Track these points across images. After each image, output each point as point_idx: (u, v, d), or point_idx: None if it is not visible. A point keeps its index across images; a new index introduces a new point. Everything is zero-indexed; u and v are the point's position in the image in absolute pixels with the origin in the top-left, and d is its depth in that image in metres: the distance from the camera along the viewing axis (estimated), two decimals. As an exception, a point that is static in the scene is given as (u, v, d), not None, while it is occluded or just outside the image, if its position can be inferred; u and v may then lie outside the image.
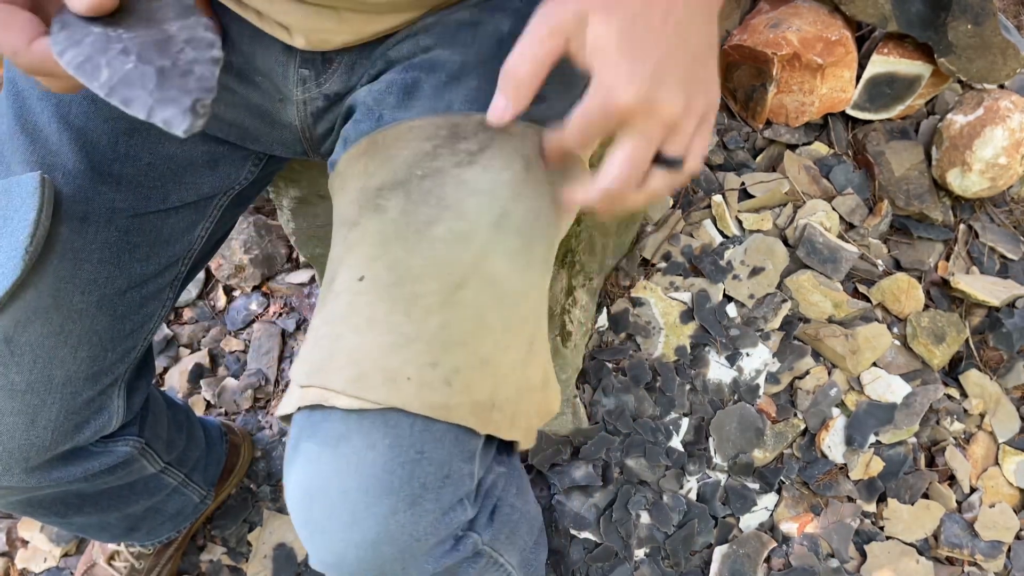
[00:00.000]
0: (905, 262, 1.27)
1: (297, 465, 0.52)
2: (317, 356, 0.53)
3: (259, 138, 0.67)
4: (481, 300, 0.53)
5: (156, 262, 0.66)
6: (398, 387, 0.50)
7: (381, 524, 0.50)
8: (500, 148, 0.55)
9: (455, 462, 0.53)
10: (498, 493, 0.61)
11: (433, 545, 0.53)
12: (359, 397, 0.50)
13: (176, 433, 0.90)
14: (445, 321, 0.51)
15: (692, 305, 1.22)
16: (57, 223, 0.58)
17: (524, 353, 0.56)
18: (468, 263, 0.52)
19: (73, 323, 0.61)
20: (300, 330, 1.30)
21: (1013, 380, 1.22)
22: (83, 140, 0.59)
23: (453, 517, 0.54)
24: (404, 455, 0.50)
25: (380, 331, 0.51)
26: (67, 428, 0.66)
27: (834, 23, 1.25)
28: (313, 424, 0.52)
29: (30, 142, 0.58)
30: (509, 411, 0.56)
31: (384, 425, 0.50)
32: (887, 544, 1.12)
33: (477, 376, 0.53)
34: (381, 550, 0.51)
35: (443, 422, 0.52)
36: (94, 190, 0.60)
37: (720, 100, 1.37)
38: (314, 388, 0.52)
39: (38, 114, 0.59)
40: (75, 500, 0.80)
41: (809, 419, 1.18)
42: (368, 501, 0.50)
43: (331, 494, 0.50)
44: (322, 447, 0.51)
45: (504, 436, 0.56)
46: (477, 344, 0.52)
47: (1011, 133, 1.21)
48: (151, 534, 0.98)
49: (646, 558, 1.12)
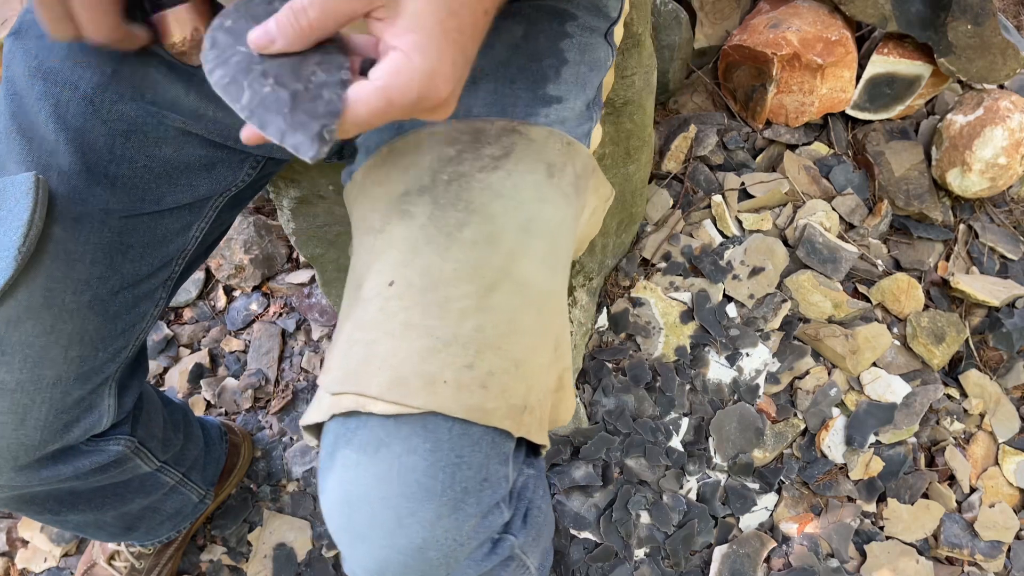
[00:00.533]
0: (905, 262, 1.27)
1: (335, 473, 0.52)
2: (350, 362, 0.52)
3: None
4: (513, 303, 0.53)
5: (149, 262, 0.66)
6: (436, 391, 0.50)
7: (426, 529, 0.50)
8: (523, 153, 0.55)
9: (492, 465, 0.53)
10: (529, 495, 0.61)
11: (474, 548, 0.53)
12: (398, 402, 0.50)
13: (172, 432, 0.90)
14: (479, 324, 0.52)
15: (692, 305, 1.22)
16: (51, 223, 0.57)
17: (550, 355, 0.57)
18: (498, 266, 0.53)
19: (64, 323, 0.61)
20: (300, 330, 1.31)
21: (1013, 380, 1.22)
22: (79, 141, 0.59)
23: (492, 520, 0.54)
24: (445, 459, 0.50)
25: (415, 335, 0.51)
26: (56, 427, 0.66)
27: (834, 23, 1.25)
28: (350, 431, 0.52)
29: (26, 142, 0.58)
30: (539, 413, 0.56)
31: (424, 430, 0.50)
32: (887, 544, 1.12)
33: (511, 379, 0.53)
34: (427, 555, 0.51)
35: (480, 425, 0.52)
36: (89, 191, 0.60)
37: (721, 100, 1.38)
38: (349, 395, 0.51)
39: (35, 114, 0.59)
40: (69, 498, 0.80)
41: (809, 419, 1.18)
42: (412, 507, 0.50)
43: (372, 501, 0.50)
44: (360, 454, 0.51)
45: (535, 439, 0.57)
46: (510, 347, 0.53)
47: (1011, 133, 1.21)
48: (150, 533, 0.98)
49: (646, 558, 1.12)
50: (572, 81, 0.60)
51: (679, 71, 1.34)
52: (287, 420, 1.24)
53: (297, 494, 1.19)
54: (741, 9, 1.39)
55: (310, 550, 1.15)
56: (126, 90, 0.59)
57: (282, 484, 1.20)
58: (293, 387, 1.26)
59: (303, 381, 1.27)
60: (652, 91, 1.03)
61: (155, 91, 0.59)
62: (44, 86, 0.58)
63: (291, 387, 1.26)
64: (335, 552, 1.15)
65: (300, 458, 1.21)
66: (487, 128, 0.55)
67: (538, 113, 0.57)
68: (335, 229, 1.03)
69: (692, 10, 1.36)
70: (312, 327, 1.30)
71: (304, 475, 1.20)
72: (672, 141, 1.30)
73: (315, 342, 1.30)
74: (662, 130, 1.33)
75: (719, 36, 1.37)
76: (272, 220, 1.36)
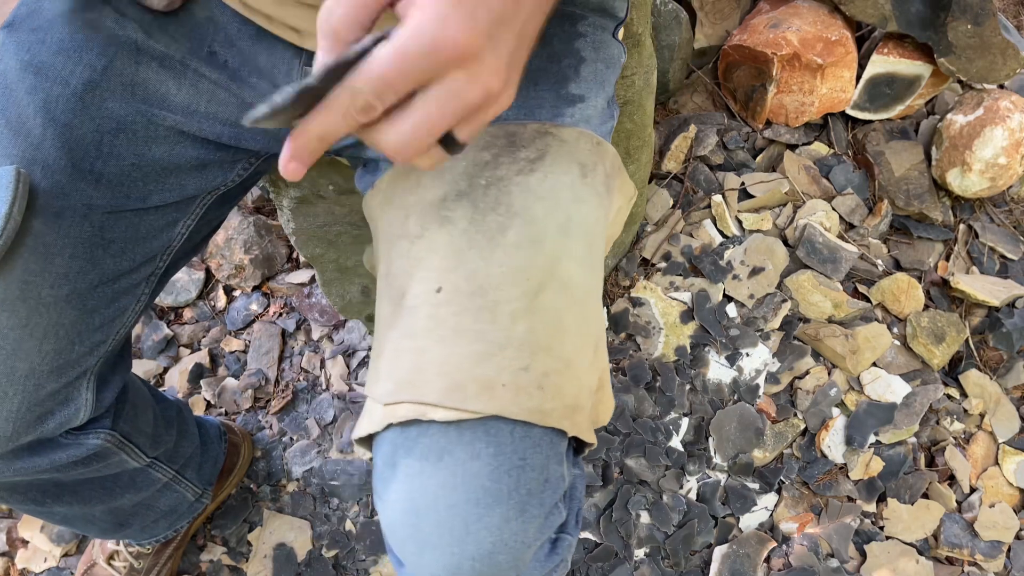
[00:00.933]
0: (905, 262, 1.27)
1: (397, 483, 0.52)
2: (401, 371, 0.52)
3: (256, 136, 0.67)
4: (559, 304, 0.53)
5: (131, 258, 0.65)
6: (495, 395, 0.50)
7: (495, 534, 0.50)
8: (557, 155, 0.56)
9: (551, 465, 0.53)
10: (578, 495, 0.62)
11: (537, 549, 0.54)
12: (458, 408, 0.50)
13: (164, 428, 0.89)
14: (531, 326, 0.52)
15: (692, 305, 1.22)
16: (30, 216, 0.57)
17: (592, 354, 0.57)
18: (543, 267, 0.53)
19: (40, 316, 0.61)
20: (300, 330, 1.31)
21: (1013, 380, 1.22)
22: (67, 135, 0.58)
23: (553, 520, 0.54)
24: (508, 462, 0.51)
25: (468, 340, 0.51)
26: (29, 420, 0.65)
27: (834, 23, 1.25)
28: (410, 440, 0.52)
29: (12, 135, 0.58)
30: (587, 412, 0.57)
31: (485, 434, 0.51)
32: (887, 544, 1.12)
33: (564, 379, 0.53)
34: (497, 559, 0.51)
35: (539, 426, 0.52)
36: (72, 186, 0.59)
37: (721, 100, 1.38)
38: (405, 404, 0.51)
39: (24, 107, 0.58)
40: (53, 489, 0.79)
41: (809, 419, 1.18)
42: (479, 512, 0.50)
43: (439, 509, 0.50)
44: (423, 462, 0.51)
45: (586, 437, 0.57)
46: (560, 347, 0.53)
47: (1011, 133, 1.21)
48: (145, 531, 0.98)
49: (646, 558, 1.12)
50: (591, 79, 0.60)
51: (679, 71, 1.34)
52: (287, 420, 1.24)
53: (297, 494, 1.19)
54: (741, 9, 1.38)
55: (310, 550, 1.15)
56: (117, 88, 0.58)
57: (282, 484, 1.20)
58: (293, 387, 1.26)
59: (303, 381, 1.27)
60: (652, 91, 1.03)
61: (146, 88, 0.59)
62: (35, 80, 0.58)
63: (291, 387, 1.26)
64: (335, 552, 1.15)
65: (300, 458, 1.21)
66: (520, 131, 0.56)
67: (564, 113, 0.58)
68: (335, 229, 1.03)
69: (692, 10, 1.36)
70: (312, 327, 1.30)
71: (304, 475, 1.20)
72: (672, 141, 1.30)
73: (315, 342, 1.30)
74: (662, 130, 1.33)
75: (719, 36, 1.37)
76: (272, 220, 1.36)
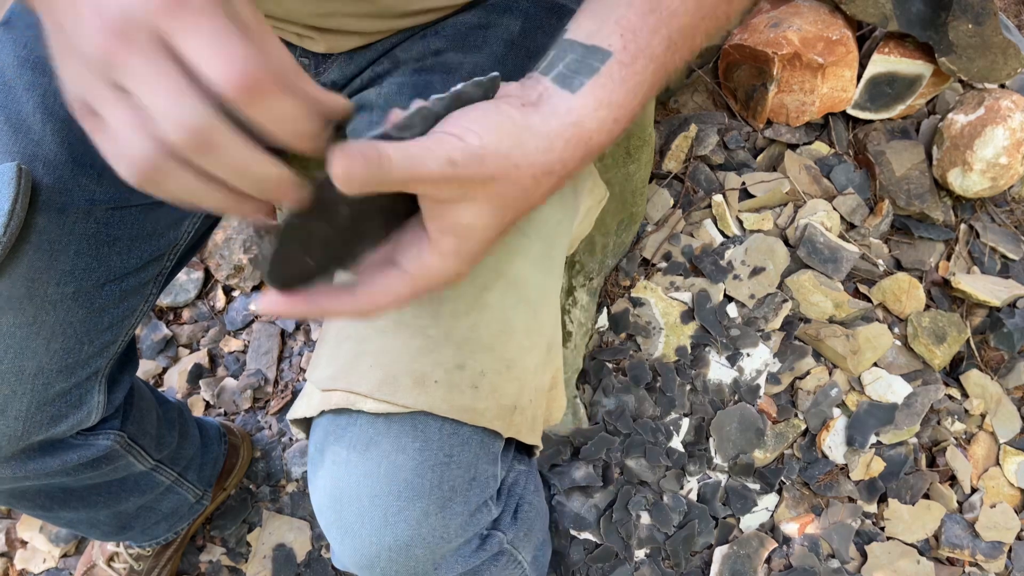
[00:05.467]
0: (906, 262, 1.27)
1: (325, 469, 0.52)
2: (340, 359, 0.52)
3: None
4: (506, 303, 0.53)
5: (138, 256, 0.65)
6: (426, 390, 0.50)
7: (414, 528, 0.50)
8: None
9: (481, 464, 0.53)
10: (519, 491, 0.61)
11: (461, 545, 0.54)
12: (388, 401, 0.50)
13: (167, 430, 0.89)
14: (472, 324, 0.52)
15: (692, 305, 1.21)
16: (34, 213, 0.57)
17: (543, 356, 0.57)
18: (492, 265, 0.52)
19: (47, 314, 0.60)
20: (299, 330, 1.30)
21: (1014, 380, 1.21)
22: (67, 131, 0.58)
23: (479, 518, 0.54)
24: (433, 458, 0.51)
25: (408, 334, 0.51)
26: (40, 419, 0.65)
27: (835, 22, 1.25)
28: (340, 428, 0.52)
29: (12, 132, 0.58)
30: (529, 414, 0.56)
31: (413, 429, 0.51)
32: (888, 545, 1.12)
33: (502, 379, 0.53)
34: (413, 552, 0.51)
35: (470, 425, 0.52)
36: (74, 181, 0.59)
37: (722, 99, 1.37)
38: (339, 392, 0.52)
39: (23, 103, 0.58)
40: (60, 494, 0.79)
41: (810, 419, 1.17)
42: (400, 505, 0.50)
43: (362, 498, 0.51)
44: (351, 451, 0.51)
45: (525, 439, 0.57)
46: (502, 348, 0.53)
47: (1012, 133, 1.21)
48: (146, 533, 0.98)
49: (646, 559, 1.12)
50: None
51: (679, 70, 1.34)
52: (286, 421, 1.24)
53: (297, 494, 1.19)
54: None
55: (309, 551, 1.15)
56: None
57: (281, 484, 1.20)
58: (292, 387, 1.26)
59: (302, 381, 1.27)
60: (652, 90, 1.03)
61: None
62: (33, 76, 0.57)
63: (290, 387, 1.26)
64: (335, 553, 1.15)
65: (299, 458, 1.21)
66: None
67: None
68: (334, 229, 1.02)
69: (692, 9, 1.36)
70: (312, 327, 1.30)
71: (303, 475, 1.19)
72: (672, 140, 1.30)
73: (314, 342, 1.29)
74: (662, 129, 1.33)
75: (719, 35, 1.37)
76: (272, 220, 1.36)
